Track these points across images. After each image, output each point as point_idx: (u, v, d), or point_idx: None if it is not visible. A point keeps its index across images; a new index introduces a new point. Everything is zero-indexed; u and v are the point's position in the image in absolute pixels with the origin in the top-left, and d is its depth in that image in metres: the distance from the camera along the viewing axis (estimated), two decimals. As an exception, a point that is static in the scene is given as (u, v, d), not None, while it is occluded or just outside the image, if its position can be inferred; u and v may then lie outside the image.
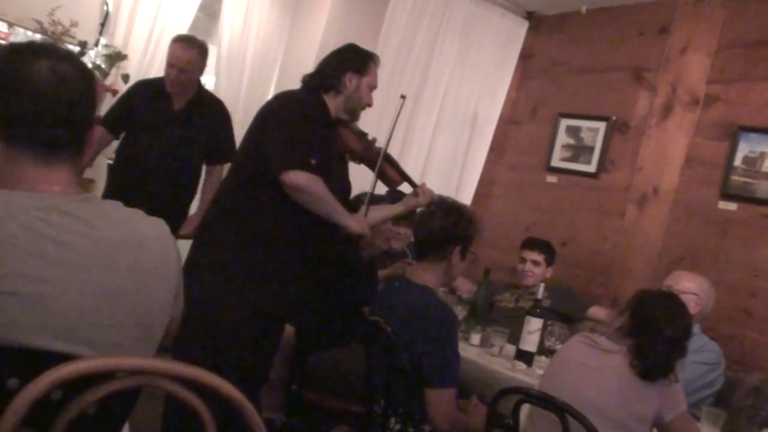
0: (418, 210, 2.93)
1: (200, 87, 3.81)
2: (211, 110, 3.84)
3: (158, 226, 1.30)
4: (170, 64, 3.64)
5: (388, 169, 2.91)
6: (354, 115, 2.85)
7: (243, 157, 2.73)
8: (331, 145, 2.76)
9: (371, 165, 2.88)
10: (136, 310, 1.18)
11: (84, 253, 1.12)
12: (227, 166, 3.14)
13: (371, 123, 3.75)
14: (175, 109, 3.73)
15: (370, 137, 2.88)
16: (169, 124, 3.71)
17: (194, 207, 3.93)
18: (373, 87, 2.84)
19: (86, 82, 1.25)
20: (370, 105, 2.86)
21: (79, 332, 1.10)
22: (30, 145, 1.18)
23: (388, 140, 2.86)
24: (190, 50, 3.65)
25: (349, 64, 2.77)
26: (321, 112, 2.73)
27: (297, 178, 2.49)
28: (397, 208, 3.06)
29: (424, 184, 3.06)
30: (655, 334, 2.21)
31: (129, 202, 1.30)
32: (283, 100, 2.78)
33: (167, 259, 1.28)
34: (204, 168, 3.90)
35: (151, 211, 1.32)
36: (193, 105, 3.75)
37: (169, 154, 3.70)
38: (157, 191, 3.60)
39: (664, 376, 2.19)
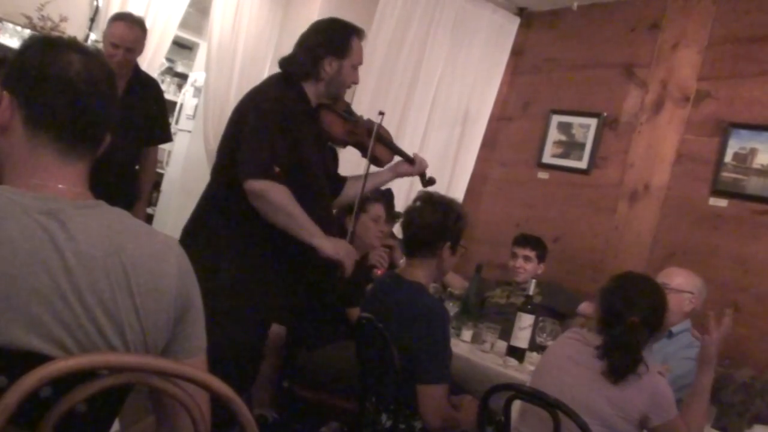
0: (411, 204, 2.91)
1: (137, 66, 3.60)
2: (150, 92, 3.65)
3: (158, 244, 1.22)
4: (114, 45, 3.37)
5: (377, 148, 2.78)
6: (338, 97, 2.70)
7: (223, 158, 2.60)
8: (312, 136, 2.62)
9: (361, 148, 2.78)
10: (122, 328, 1.13)
11: (75, 264, 1.09)
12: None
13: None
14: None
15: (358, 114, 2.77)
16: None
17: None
18: (357, 65, 2.66)
19: (113, 83, 1.25)
20: (355, 83, 2.72)
21: (68, 342, 1.08)
22: (54, 135, 1.17)
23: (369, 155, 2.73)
24: (135, 27, 3.44)
25: (328, 48, 2.58)
26: (298, 104, 2.58)
27: (254, 185, 2.40)
28: (383, 176, 2.94)
29: (416, 155, 2.97)
30: (617, 324, 2.13)
31: None
32: (254, 98, 2.60)
33: (161, 279, 1.19)
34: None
35: None
36: (134, 88, 3.51)
37: (118, 148, 3.48)
38: (106, 188, 3.27)
39: (632, 371, 2.10)
